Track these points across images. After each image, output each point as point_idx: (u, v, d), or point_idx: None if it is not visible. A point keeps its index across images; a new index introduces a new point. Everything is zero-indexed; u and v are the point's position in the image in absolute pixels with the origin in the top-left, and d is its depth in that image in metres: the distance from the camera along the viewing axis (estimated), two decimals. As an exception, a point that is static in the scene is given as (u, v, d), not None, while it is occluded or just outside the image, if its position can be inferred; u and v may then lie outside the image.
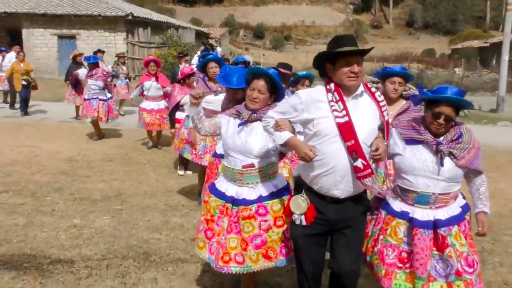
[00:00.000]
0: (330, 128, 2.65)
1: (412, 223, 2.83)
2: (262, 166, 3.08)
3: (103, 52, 13.21)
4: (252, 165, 3.06)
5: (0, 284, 3.61)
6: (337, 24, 63.29)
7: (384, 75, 4.03)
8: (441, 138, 2.79)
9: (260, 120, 3.03)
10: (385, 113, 2.74)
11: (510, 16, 16.85)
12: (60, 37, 22.14)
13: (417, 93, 4.10)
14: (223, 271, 3.04)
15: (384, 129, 2.75)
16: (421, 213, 2.83)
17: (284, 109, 2.81)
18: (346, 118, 2.62)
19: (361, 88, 2.73)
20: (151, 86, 8.47)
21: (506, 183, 7.19)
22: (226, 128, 3.16)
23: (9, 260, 4.04)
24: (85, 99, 9.44)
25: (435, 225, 2.81)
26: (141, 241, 4.55)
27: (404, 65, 30.18)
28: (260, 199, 3.07)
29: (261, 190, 3.10)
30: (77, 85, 10.96)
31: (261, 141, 3.04)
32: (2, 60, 14.27)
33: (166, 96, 8.51)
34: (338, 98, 2.66)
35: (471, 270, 2.79)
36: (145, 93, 8.61)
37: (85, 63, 10.66)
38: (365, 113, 2.69)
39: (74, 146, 8.95)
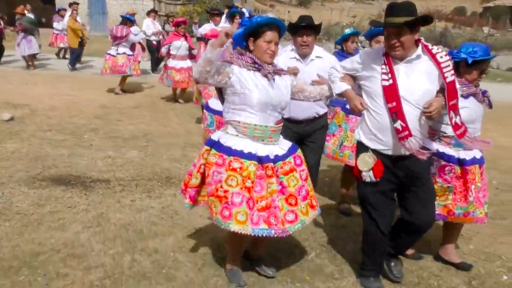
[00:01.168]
0: (378, 89, 2.83)
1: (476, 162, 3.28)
2: (282, 121, 3.06)
3: (156, 11, 14.05)
4: (281, 121, 3.00)
5: (54, 194, 4.59)
6: (367, -20, 61.62)
7: (371, 35, 4.25)
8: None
9: (278, 73, 2.95)
10: (446, 74, 2.75)
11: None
12: (90, -6, 22.85)
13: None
14: (284, 235, 2.84)
15: (444, 89, 2.78)
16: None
17: (347, 64, 3.08)
18: (391, 81, 2.76)
19: (418, 51, 2.80)
20: (181, 45, 9.10)
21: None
22: (244, 80, 2.81)
23: (59, 179, 5.02)
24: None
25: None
26: (163, 169, 5.48)
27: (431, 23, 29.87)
28: (291, 151, 3.00)
29: (284, 145, 3.01)
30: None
31: (288, 94, 3.00)
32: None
33: (193, 56, 9.18)
34: (386, 61, 2.82)
35: None
36: (173, 52, 9.16)
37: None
38: (420, 75, 2.77)
39: (107, 95, 9.94)
